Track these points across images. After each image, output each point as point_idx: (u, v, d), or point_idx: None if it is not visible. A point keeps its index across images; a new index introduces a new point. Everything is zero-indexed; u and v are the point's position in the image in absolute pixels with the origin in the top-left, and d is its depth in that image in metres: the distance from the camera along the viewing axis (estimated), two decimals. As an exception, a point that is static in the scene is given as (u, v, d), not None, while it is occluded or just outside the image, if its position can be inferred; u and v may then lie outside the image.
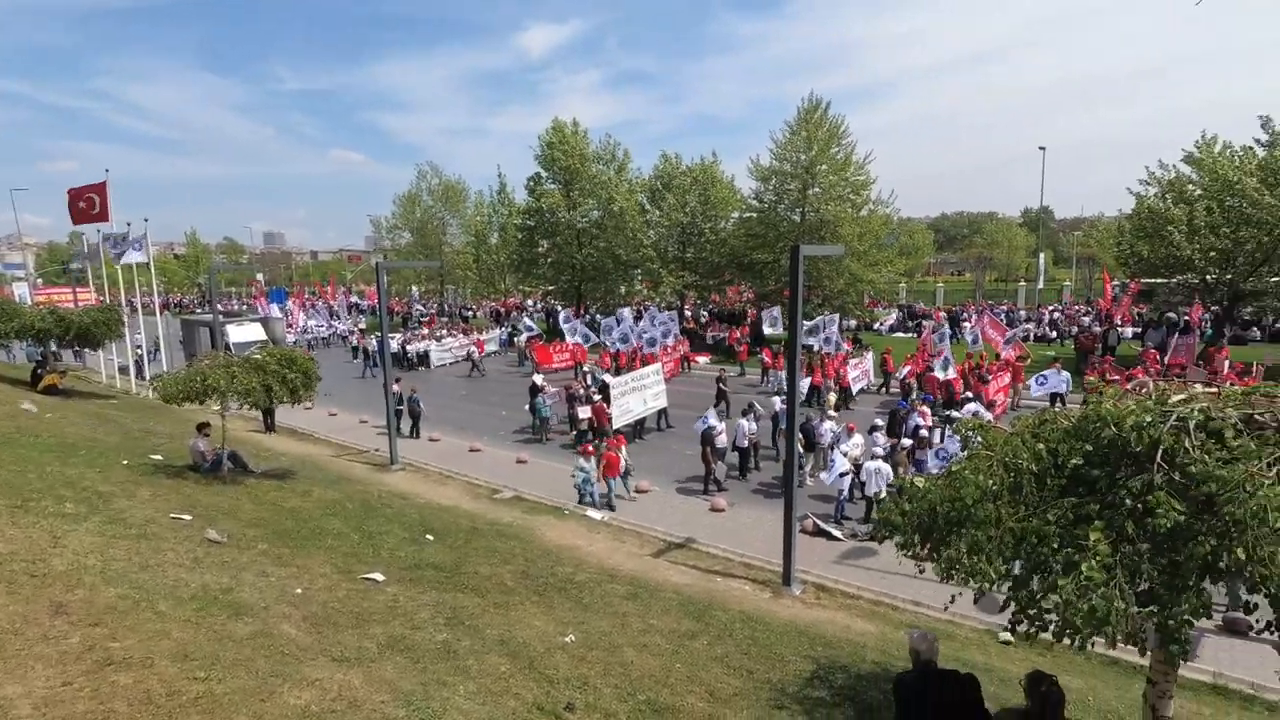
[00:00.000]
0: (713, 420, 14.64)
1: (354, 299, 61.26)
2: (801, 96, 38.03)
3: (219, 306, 24.28)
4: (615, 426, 17.44)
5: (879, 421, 14.47)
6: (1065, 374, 18.54)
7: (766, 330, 27.47)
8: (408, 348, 33.45)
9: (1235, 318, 25.61)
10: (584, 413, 17.72)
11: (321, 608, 6.59)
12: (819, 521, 12.09)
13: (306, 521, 9.85)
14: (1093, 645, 3.37)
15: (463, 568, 8.86)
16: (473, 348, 31.96)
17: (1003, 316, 32.11)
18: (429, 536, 10.21)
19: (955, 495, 4.15)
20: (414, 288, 62.21)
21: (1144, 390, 3.91)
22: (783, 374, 22.70)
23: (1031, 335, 31.48)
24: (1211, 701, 7.17)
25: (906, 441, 13.72)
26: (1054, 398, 18.03)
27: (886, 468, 12.12)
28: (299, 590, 6.93)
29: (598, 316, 35.75)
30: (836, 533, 11.85)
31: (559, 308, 41.37)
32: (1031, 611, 3.47)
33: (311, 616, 6.31)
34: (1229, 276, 22.97)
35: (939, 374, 18.92)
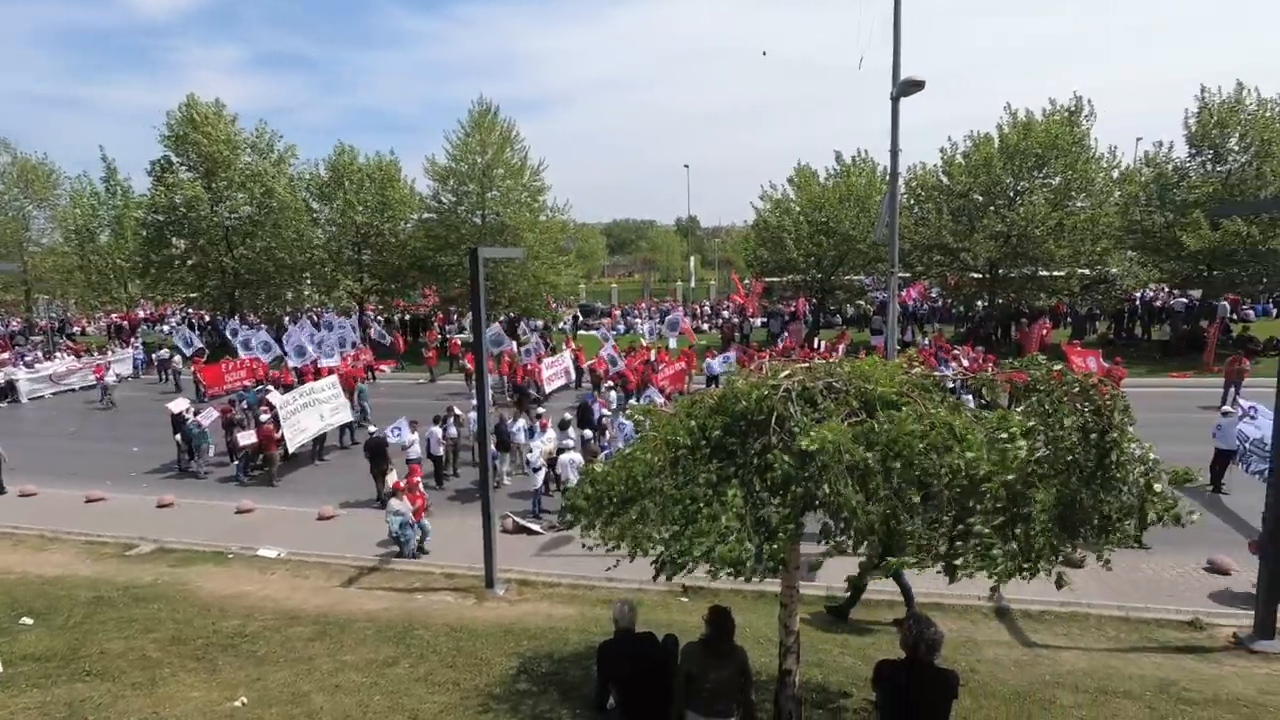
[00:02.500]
0: (405, 431, 13.94)
1: None
2: (472, 99, 37.94)
3: None
4: (290, 448, 15.54)
5: (568, 416, 15.29)
6: (731, 357, 21.78)
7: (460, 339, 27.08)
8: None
9: (827, 307, 32.84)
10: (245, 439, 15.42)
11: None
12: (518, 519, 12.36)
13: None
14: (746, 582, 4.12)
15: (82, 650, 7.08)
16: (92, 374, 25.44)
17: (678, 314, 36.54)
18: (25, 620, 7.92)
19: (629, 474, 4.62)
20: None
21: (763, 370, 4.84)
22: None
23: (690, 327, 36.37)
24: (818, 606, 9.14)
25: (589, 432, 14.76)
26: (710, 380, 21.05)
27: (579, 458, 12.87)
28: None
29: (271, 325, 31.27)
30: (535, 527, 12.24)
31: (220, 318, 35.16)
32: (681, 560, 4.05)
33: None
34: (819, 275, 29.35)
35: (610, 367, 20.77)
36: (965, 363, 20.13)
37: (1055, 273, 26.69)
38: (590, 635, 7.63)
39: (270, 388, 19.70)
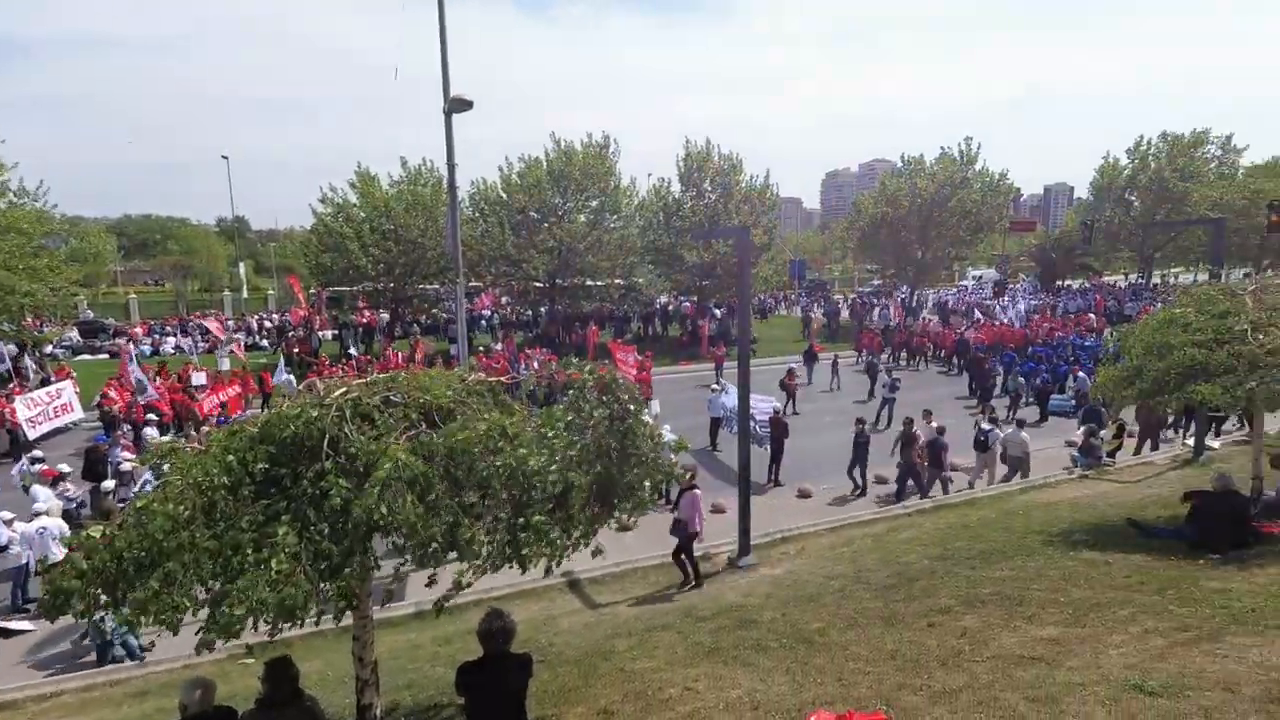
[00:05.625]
0: None
1: None
2: None
3: None
4: None
5: (65, 468, 11.72)
6: (290, 376, 19.29)
7: None
8: None
9: (402, 316, 32.16)
10: None
11: None
12: (-12, 621, 8.98)
13: None
14: (317, 625, 3.69)
15: None
16: None
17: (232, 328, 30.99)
18: None
19: (145, 534, 3.74)
20: None
21: (315, 389, 4.44)
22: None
23: (242, 344, 31.46)
24: (417, 626, 8.96)
25: (108, 484, 11.60)
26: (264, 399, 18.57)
27: (56, 524, 9.80)
28: None
29: None
30: (21, 625, 9.06)
31: None
32: (226, 623, 3.49)
33: None
34: (391, 284, 28.60)
35: (139, 397, 16.73)
36: (536, 365, 22.04)
37: (599, 282, 31.29)
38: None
39: None
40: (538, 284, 30.97)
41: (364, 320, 32.42)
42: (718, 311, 32.32)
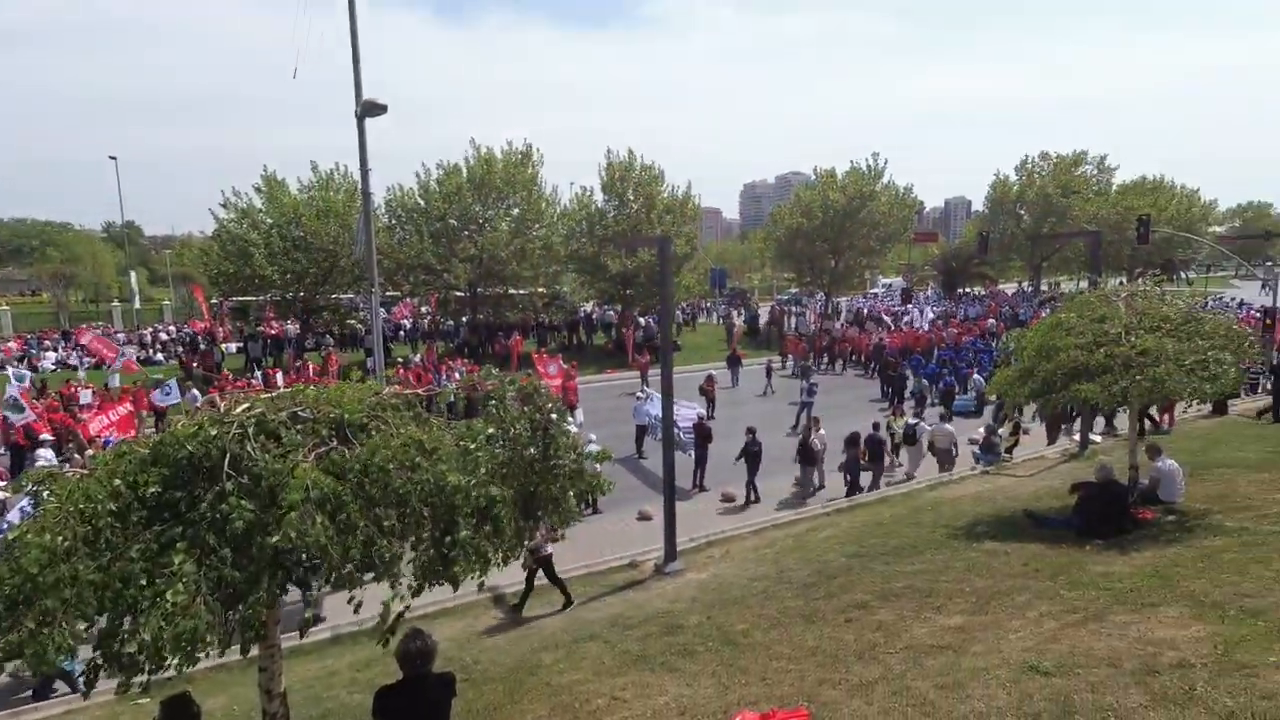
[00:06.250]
0: None
1: None
2: None
3: None
4: None
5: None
6: (192, 392, 18.13)
7: None
8: None
9: (314, 327, 30.73)
10: None
11: None
12: None
13: None
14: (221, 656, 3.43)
15: None
16: None
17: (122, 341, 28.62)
18: None
19: (15, 569, 3.40)
20: None
21: (214, 405, 4.17)
22: None
23: (134, 359, 29.24)
24: (334, 652, 8.55)
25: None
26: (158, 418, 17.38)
27: None
28: None
29: None
30: None
31: None
32: (121, 659, 3.22)
33: None
34: (302, 294, 27.33)
35: (11, 417, 15.29)
36: (458, 376, 21.53)
37: (522, 290, 30.93)
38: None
39: None
40: (459, 293, 30.31)
41: (272, 332, 30.79)
42: (642, 320, 32.58)
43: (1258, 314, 29.07)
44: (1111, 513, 8.93)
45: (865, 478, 14.34)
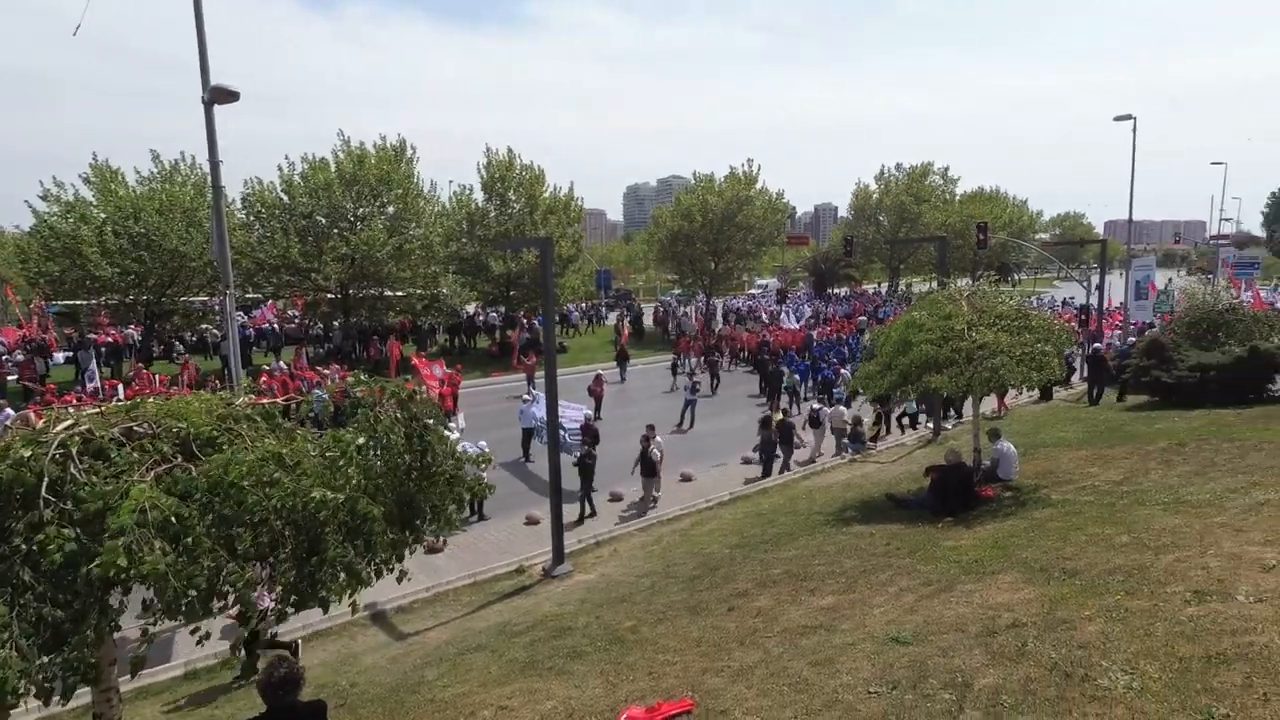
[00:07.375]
0: None
1: None
2: None
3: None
4: None
5: None
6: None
7: None
8: None
9: (160, 333, 27.81)
10: None
11: None
12: None
13: None
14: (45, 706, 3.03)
15: None
16: None
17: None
18: None
19: None
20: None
21: (27, 423, 3.67)
22: None
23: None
24: (185, 688, 7.79)
25: None
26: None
27: None
28: None
29: None
30: None
31: None
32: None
33: None
34: (145, 297, 24.69)
35: None
36: (330, 383, 20.23)
37: (399, 292, 29.57)
38: None
39: None
40: (330, 295, 28.51)
41: (108, 339, 27.54)
42: (526, 321, 32.12)
43: (1075, 310, 33.07)
44: (960, 491, 9.84)
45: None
